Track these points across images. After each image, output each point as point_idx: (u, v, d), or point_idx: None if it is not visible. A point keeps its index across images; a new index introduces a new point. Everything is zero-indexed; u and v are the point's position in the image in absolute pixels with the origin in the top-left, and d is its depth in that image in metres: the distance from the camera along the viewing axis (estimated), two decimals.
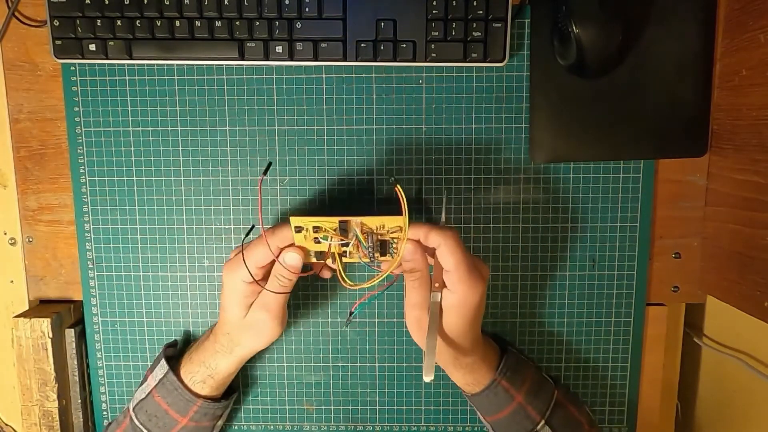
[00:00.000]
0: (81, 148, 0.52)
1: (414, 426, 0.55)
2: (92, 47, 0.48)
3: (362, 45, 0.48)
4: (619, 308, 0.53)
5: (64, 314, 0.53)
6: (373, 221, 0.41)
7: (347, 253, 0.43)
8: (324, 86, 0.51)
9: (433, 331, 0.41)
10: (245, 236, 0.44)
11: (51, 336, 0.51)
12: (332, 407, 0.55)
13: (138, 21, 0.47)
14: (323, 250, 0.43)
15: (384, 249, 0.43)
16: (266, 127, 0.51)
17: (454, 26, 0.47)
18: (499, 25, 0.47)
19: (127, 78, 0.51)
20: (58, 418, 0.52)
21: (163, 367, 0.48)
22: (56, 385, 0.52)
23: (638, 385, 0.55)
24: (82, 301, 0.54)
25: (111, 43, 0.48)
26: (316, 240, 0.42)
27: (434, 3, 0.46)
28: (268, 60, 0.48)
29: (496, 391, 0.46)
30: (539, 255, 0.53)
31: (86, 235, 0.53)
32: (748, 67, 0.46)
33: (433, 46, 0.48)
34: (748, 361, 0.54)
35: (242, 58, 0.48)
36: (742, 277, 0.47)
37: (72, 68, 0.51)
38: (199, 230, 0.53)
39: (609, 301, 0.53)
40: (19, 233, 0.54)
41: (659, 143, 0.50)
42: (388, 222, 0.41)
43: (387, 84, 0.51)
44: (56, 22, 0.47)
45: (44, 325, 0.51)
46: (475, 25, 0.47)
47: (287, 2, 0.47)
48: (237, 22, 0.47)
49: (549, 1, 0.48)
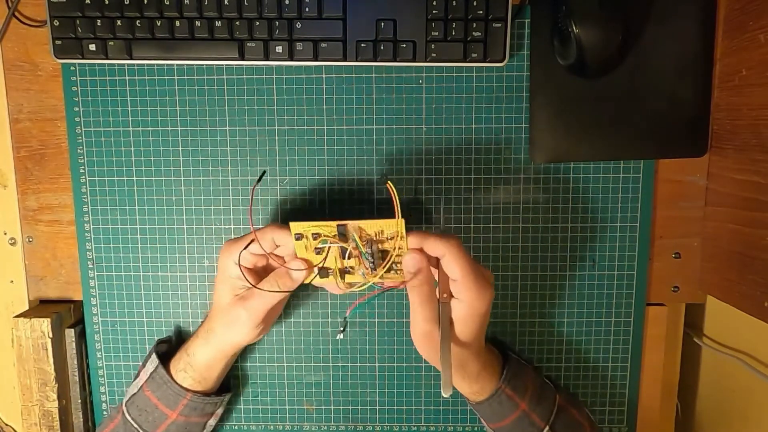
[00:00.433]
0: (81, 148, 0.52)
1: (414, 426, 0.55)
2: (92, 47, 0.48)
3: (362, 45, 0.48)
4: (619, 308, 0.53)
5: (64, 314, 0.53)
6: (370, 226, 0.41)
7: (349, 269, 0.42)
8: (324, 86, 0.51)
9: (446, 343, 0.41)
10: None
11: (51, 336, 0.51)
12: (332, 407, 0.55)
13: (138, 21, 0.47)
14: (327, 266, 0.43)
15: (386, 258, 0.42)
16: (266, 127, 0.51)
17: (454, 26, 0.47)
18: (499, 25, 0.47)
19: (127, 78, 0.51)
20: (58, 418, 0.52)
21: (153, 361, 0.48)
22: (56, 385, 0.52)
23: (638, 385, 0.55)
24: (82, 301, 0.54)
25: (111, 43, 0.48)
26: (317, 250, 0.42)
27: (434, 3, 0.46)
28: (268, 60, 0.48)
29: (501, 399, 0.45)
30: (539, 255, 0.53)
31: (86, 235, 0.53)
32: (748, 67, 0.46)
33: (433, 46, 0.48)
34: (748, 361, 0.54)
35: (242, 58, 0.48)
36: (742, 277, 0.47)
37: (72, 68, 0.51)
38: (199, 230, 0.53)
39: (609, 301, 0.53)
40: (19, 233, 0.54)
41: (659, 143, 0.50)
42: (386, 227, 0.40)
43: (387, 84, 0.51)
44: (56, 22, 0.47)
45: (44, 325, 0.51)
46: (475, 25, 0.47)
47: (287, 2, 0.47)
48: (237, 22, 0.47)
49: (549, 1, 0.48)
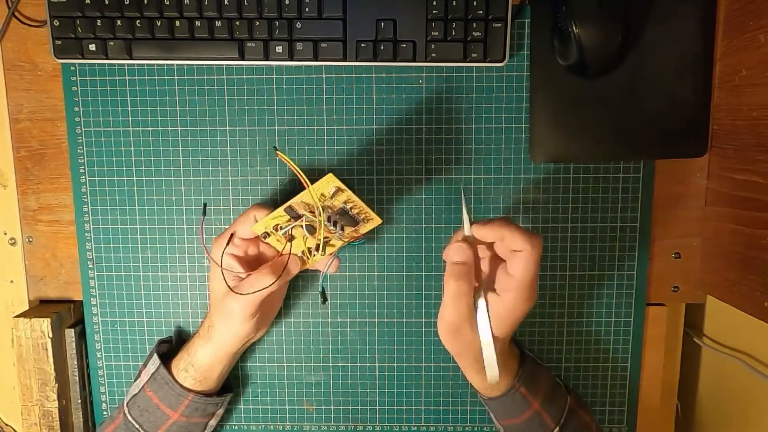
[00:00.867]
0: (81, 148, 0.52)
1: (414, 426, 0.55)
2: (92, 47, 0.48)
3: (362, 45, 0.48)
4: (619, 308, 0.53)
5: (64, 314, 0.53)
6: (306, 196, 0.41)
7: (325, 239, 0.44)
8: (324, 86, 0.51)
9: (487, 337, 0.40)
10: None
11: (51, 336, 0.51)
12: (332, 407, 0.55)
13: (138, 21, 0.47)
14: (301, 247, 0.44)
15: (348, 218, 0.42)
16: (266, 127, 0.51)
17: (454, 26, 0.47)
18: (499, 25, 0.47)
19: (127, 78, 0.51)
20: (58, 418, 0.52)
21: (155, 361, 0.48)
22: (56, 385, 0.52)
23: (638, 385, 0.55)
24: (82, 301, 0.54)
25: (111, 43, 0.48)
26: (289, 238, 0.44)
27: (434, 3, 0.46)
28: (268, 60, 0.48)
29: (514, 398, 0.45)
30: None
31: (86, 235, 0.53)
32: (748, 67, 0.46)
33: (433, 46, 0.48)
34: (748, 361, 0.54)
35: (242, 58, 0.48)
36: (742, 277, 0.47)
37: (72, 68, 0.51)
38: (198, 230, 0.53)
39: (609, 301, 0.53)
40: (19, 233, 0.54)
41: (659, 143, 0.50)
42: (320, 188, 0.40)
43: (387, 84, 0.51)
44: (56, 22, 0.47)
45: (44, 325, 0.51)
46: (475, 25, 0.47)
47: (287, 2, 0.47)
48: (237, 22, 0.47)
49: (549, 1, 0.48)
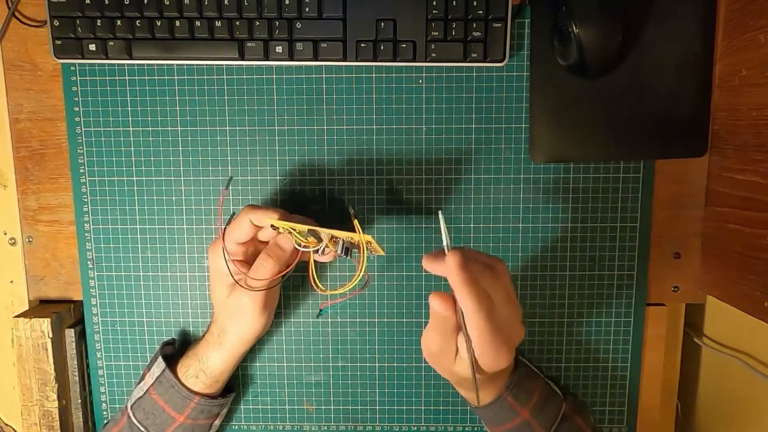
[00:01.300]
0: (81, 148, 0.52)
1: (414, 426, 0.55)
2: (92, 47, 0.48)
3: (362, 45, 0.48)
4: (619, 308, 0.53)
5: (64, 314, 0.53)
6: (341, 235, 0.41)
7: (321, 250, 0.43)
8: (324, 86, 0.51)
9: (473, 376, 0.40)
10: (226, 224, 0.45)
11: (51, 336, 0.51)
12: (332, 407, 0.55)
13: (138, 21, 0.47)
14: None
15: (354, 251, 0.43)
16: (266, 127, 0.51)
17: (454, 26, 0.47)
18: (499, 25, 0.47)
19: (127, 78, 0.51)
20: (58, 418, 0.52)
21: (160, 364, 0.48)
22: (56, 385, 0.52)
23: (638, 385, 0.55)
24: (82, 301, 0.54)
25: (111, 43, 0.48)
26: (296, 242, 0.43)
27: (434, 3, 0.46)
28: (268, 60, 0.48)
29: (502, 407, 0.45)
30: (539, 255, 0.53)
31: (86, 235, 0.53)
32: (748, 67, 0.46)
33: (433, 46, 0.48)
34: (748, 361, 0.54)
35: (242, 58, 0.48)
36: (742, 277, 0.47)
37: (72, 68, 0.51)
38: (199, 230, 0.53)
39: (609, 301, 0.53)
40: (19, 233, 0.54)
41: (659, 143, 0.50)
42: (356, 237, 0.40)
43: (387, 84, 0.51)
44: (56, 22, 0.47)
45: (44, 325, 0.51)
46: (475, 25, 0.47)
47: (287, 2, 0.47)
48: (237, 22, 0.47)
49: (549, 1, 0.48)
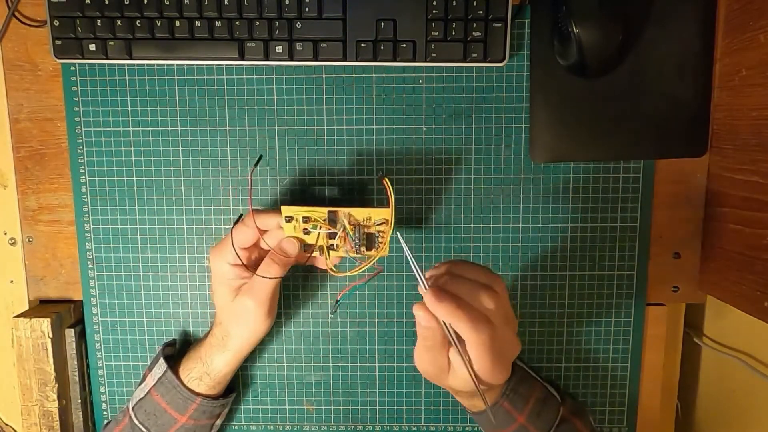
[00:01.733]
0: (81, 148, 0.52)
1: (414, 426, 0.55)
2: (92, 47, 0.48)
3: (362, 45, 0.48)
4: (619, 308, 0.53)
5: (64, 314, 0.53)
6: (360, 213, 0.42)
7: (334, 246, 0.43)
8: (324, 86, 0.51)
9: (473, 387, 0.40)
10: (234, 223, 0.45)
11: (51, 336, 0.51)
12: (332, 407, 0.55)
13: (138, 21, 0.47)
14: (311, 242, 0.44)
15: (370, 242, 0.43)
16: (266, 127, 0.51)
17: (454, 26, 0.47)
18: (499, 25, 0.47)
19: (127, 78, 0.51)
20: (58, 418, 0.52)
21: (162, 365, 0.48)
22: (56, 385, 0.52)
23: (638, 385, 0.55)
24: (82, 301, 0.54)
25: (111, 43, 0.48)
26: (305, 231, 0.43)
27: (434, 3, 0.46)
28: (268, 60, 0.48)
29: (498, 413, 0.45)
30: (539, 255, 0.53)
31: (86, 235, 0.53)
32: (748, 67, 0.46)
33: (433, 46, 0.48)
34: (748, 361, 0.54)
35: (242, 58, 0.48)
36: (742, 277, 0.47)
37: (72, 68, 0.51)
38: (199, 230, 0.53)
39: (609, 301, 0.53)
40: (19, 233, 0.54)
41: (659, 143, 0.50)
42: (375, 214, 0.42)
43: (387, 84, 0.51)
44: (56, 22, 0.47)
45: (44, 325, 0.51)
46: (475, 25, 0.47)
47: (287, 2, 0.47)
48: (237, 22, 0.47)
49: (549, 1, 0.48)
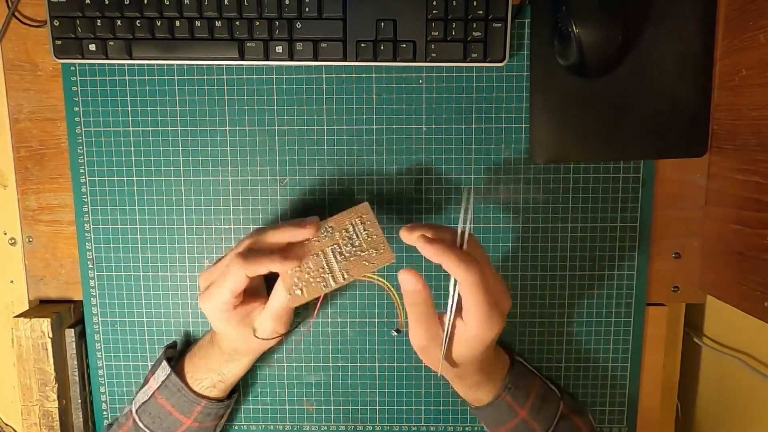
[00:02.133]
0: (81, 148, 0.52)
1: (414, 426, 0.55)
2: (92, 47, 0.48)
3: (362, 45, 0.48)
4: (619, 308, 0.53)
5: (64, 314, 0.53)
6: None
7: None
8: (324, 86, 0.51)
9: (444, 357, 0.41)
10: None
11: (51, 336, 0.51)
12: (332, 407, 0.55)
13: (138, 21, 0.47)
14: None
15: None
16: (266, 127, 0.51)
17: (454, 26, 0.47)
18: (499, 25, 0.47)
19: (127, 78, 0.51)
20: (58, 418, 0.52)
21: (165, 368, 0.48)
22: (56, 385, 0.52)
23: (638, 385, 0.55)
24: (82, 301, 0.54)
25: (111, 43, 0.48)
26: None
27: (434, 3, 0.46)
28: (268, 60, 0.48)
29: (500, 407, 0.45)
30: (539, 255, 0.53)
31: (86, 235, 0.53)
32: (748, 67, 0.46)
33: (433, 46, 0.48)
34: (748, 361, 0.54)
35: (242, 58, 0.48)
36: (742, 277, 0.47)
37: (72, 68, 0.51)
38: (199, 230, 0.53)
39: (609, 301, 0.53)
40: (19, 233, 0.54)
41: (659, 143, 0.50)
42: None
43: (387, 84, 0.51)
44: (56, 22, 0.47)
45: (44, 325, 0.51)
46: (475, 25, 0.47)
47: (287, 2, 0.47)
48: (237, 22, 0.47)
49: (549, 1, 0.48)
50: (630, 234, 0.52)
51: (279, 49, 0.48)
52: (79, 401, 0.54)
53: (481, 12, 0.47)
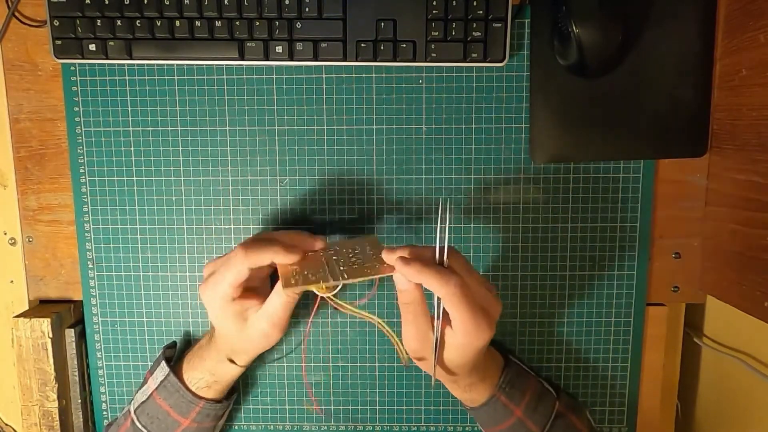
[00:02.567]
0: (81, 148, 0.52)
1: (414, 426, 0.55)
2: (92, 47, 0.48)
3: (362, 45, 0.48)
4: (619, 308, 0.53)
5: (64, 314, 0.53)
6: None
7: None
8: (324, 86, 0.51)
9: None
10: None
11: (51, 336, 0.51)
12: (332, 407, 0.55)
13: (138, 21, 0.47)
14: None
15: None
16: (266, 127, 0.51)
17: (454, 26, 0.47)
18: (499, 25, 0.47)
19: (127, 78, 0.51)
20: (58, 418, 0.52)
21: (164, 369, 0.48)
22: (56, 385, 0.52)
23: (638, 385, 0.55)
24: (82, 301, 0.54)
25: (111, 43, 0.48)
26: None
27: (434, 3, 0.46)
28: (268, 60, 0.48)
29: (495, 407, 0.45)
30: (539, 255, 0.53)
31: (86, 235, 0.53)
32: (748, 67, 0.46)
33: (433, 46, 0.48)
34: (748, 361, 0.54)
35: (242, 58, 0.48)
36: (742, 277, 0.47)
37: (72, 68, 0.51)
38: (199, 230, 0.53)
39: (609, 301, 0.53)
40: (19, 233, 0.54)
41: (659, 143, 0.50)
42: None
43: (387, 84, 0.51)
44: (56, 22, 0.47)
45: (44, 325, 0.51)
46: (475, 25, 0.47)
47: (287, 2, 0.47)
48: (237, 22, 0.47)
49: (549, 1, 0.48)
50: (630, 234, 0.52)
51: (279, 49, 0.48)
52: (79, 401, 0.54)
53: (481, 12, 0.47)
